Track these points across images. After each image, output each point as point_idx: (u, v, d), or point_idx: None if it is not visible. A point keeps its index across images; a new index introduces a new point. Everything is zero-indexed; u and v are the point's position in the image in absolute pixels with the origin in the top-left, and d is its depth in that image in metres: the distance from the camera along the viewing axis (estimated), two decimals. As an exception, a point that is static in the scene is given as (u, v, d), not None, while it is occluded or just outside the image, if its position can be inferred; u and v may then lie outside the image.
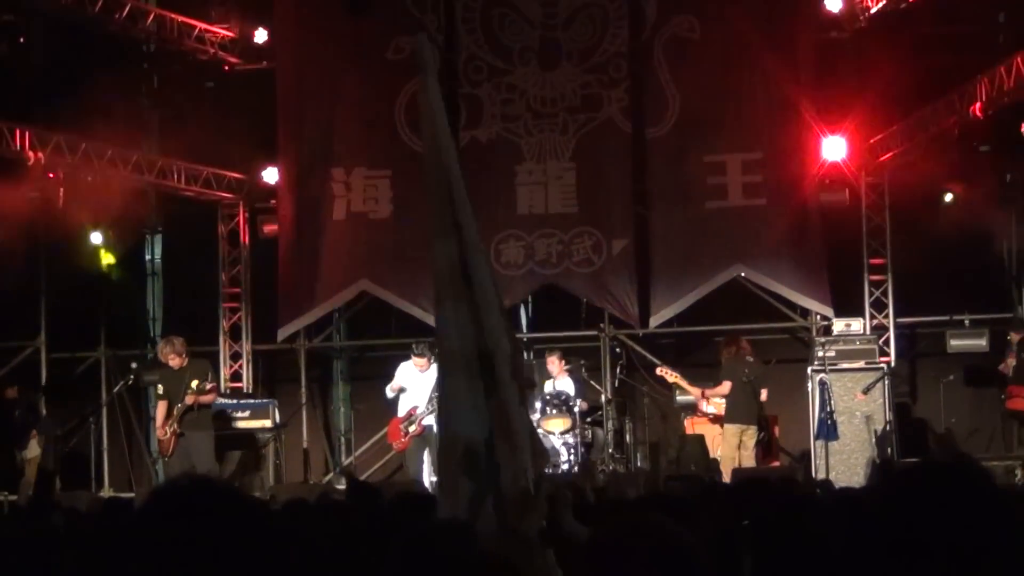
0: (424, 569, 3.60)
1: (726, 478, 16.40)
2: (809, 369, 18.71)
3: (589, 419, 18.94)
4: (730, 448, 17.76)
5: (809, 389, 18.55)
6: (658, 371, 19.00)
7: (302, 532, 6.03)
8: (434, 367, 17.90)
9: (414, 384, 18.04)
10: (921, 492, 2.85)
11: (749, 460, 17.64)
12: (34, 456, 20.00)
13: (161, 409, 17.73)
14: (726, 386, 18.06)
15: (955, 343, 19.53)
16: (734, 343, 18.26)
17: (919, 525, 2.80)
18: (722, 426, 18.12)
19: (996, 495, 2.86)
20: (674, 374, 18.73)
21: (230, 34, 20.81)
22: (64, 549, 5.26)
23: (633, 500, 8.24)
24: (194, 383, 17.34)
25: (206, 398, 17.63)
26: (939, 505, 2.82)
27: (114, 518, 7.59)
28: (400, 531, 5.62)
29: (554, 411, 18.18)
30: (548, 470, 14.29)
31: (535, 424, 17.50)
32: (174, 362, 17.59)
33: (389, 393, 18.31)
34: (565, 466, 18.08)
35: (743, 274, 19.91)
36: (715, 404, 18.40)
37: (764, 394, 18.08)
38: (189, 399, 17.30)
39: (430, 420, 17.71)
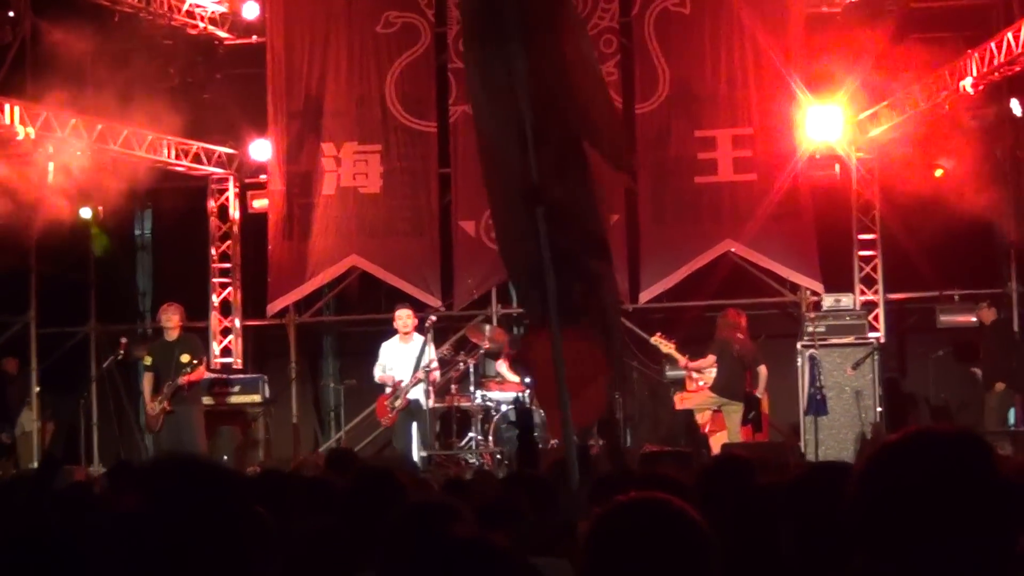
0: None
1: (715, 450, 16.46)
2: (799, 344, 18.72)
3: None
4: (700, 414, 17.80)
5: (799, 364, 18.58)
6: (652, 339, 18.89)
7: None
8: (416, 338, 17.94)
9: (398, 358, 18.00)
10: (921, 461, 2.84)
11: (736, 437, 17.64)
12: (26, 431, 20.01)
13: (147, 382, 17.67)
14: (709, 359, 18.06)
15: (944, 318, 19.58)
16: (729, 317, 18.21)
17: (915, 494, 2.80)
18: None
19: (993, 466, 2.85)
20: (668, 344, 18.62)
21: (220, 8, 20.75)
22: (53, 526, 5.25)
23: (631, 477, 8.19)
24: (183, 358, 17.31)
25: (196, 376, 17.59)
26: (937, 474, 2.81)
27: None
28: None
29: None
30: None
31: (526, 399, 17.55)
32: (172, 323, 17.52)
33: (377, 373, 18.20)
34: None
35: (733, 249, 19.92)
36: (696, 375, 18.38)
37: (764, 371, 18.03)
38: (182, 380, 17.23)
39: (415, 393, 17.73)
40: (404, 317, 17.98)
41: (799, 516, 4.36)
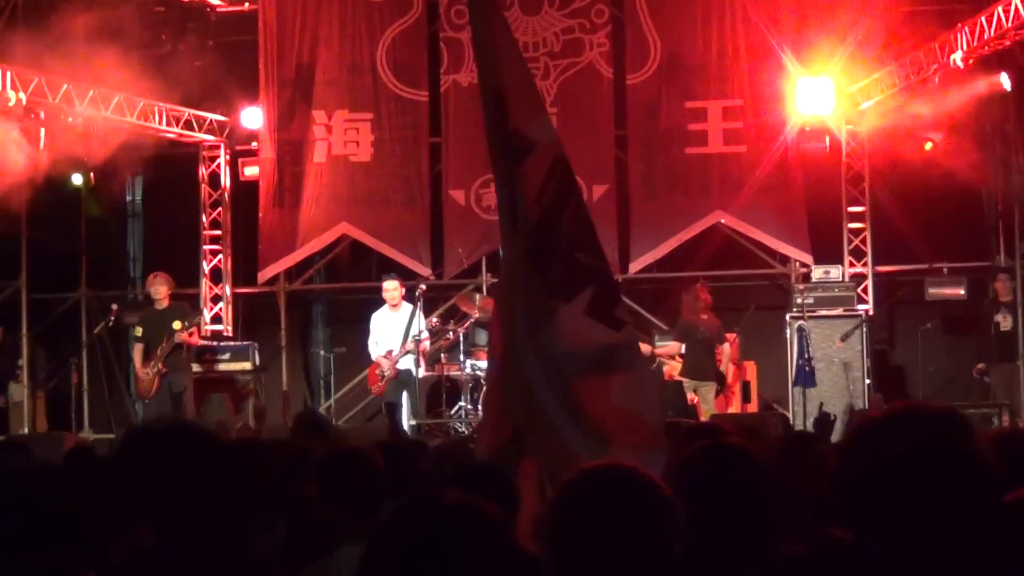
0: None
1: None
2: (788, 316, 18.75)
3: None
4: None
5: (787, 336, 18.61)
6: None
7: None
8: (406, 306, 18.00)
9: (387, 327, 18.05)
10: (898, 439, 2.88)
11: (712, 411, 17.59)
12: (19, 400, 20.00)
13: (138, 353, 17.73)
14: (675, 346, 18.05)
15: (933, 291, 19.60)
16: (697, 294, 18.07)
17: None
18: None
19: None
20: None
21: (213, -24, 20.74)
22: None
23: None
24: (176, 324, 17.36)
25: (192, 340, 17.67)
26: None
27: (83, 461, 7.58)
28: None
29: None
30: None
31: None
32: (161, 294, 17.60)
33: (373, 352, 18.25)
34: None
35: (723, 221, 19.96)
36: (667, 362, 18.32)
37: (725, 349, 18.00)
38: (181, 336, 17.31)
39: (405, 363, 17.79)
40: (391, 289, 18.06)
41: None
